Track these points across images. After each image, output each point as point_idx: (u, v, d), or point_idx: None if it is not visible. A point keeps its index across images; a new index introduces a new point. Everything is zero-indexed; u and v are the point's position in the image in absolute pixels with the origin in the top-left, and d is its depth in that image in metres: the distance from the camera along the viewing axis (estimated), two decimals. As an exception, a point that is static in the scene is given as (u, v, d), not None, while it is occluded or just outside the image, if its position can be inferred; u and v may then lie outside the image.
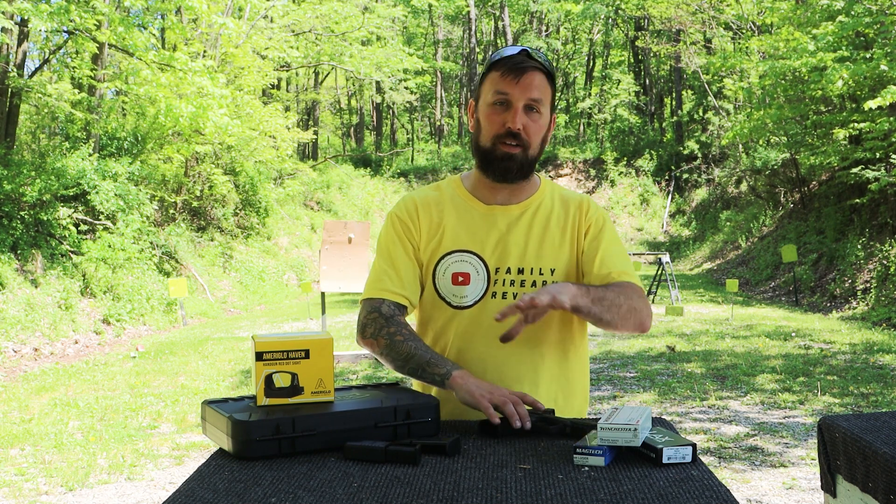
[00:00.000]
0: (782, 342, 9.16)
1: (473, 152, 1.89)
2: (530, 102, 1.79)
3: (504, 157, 1.80)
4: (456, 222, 1.88)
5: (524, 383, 1.82)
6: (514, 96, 1.78)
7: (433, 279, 1.87)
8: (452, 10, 37.71)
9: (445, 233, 1.87)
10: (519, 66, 1.78)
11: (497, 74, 1.80)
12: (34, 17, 10.58)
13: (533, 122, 1.80)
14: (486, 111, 1.82)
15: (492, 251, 1.85)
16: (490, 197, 1.89)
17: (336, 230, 8.91)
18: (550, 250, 1.86)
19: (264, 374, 1.57)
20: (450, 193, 1.93)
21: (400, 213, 1.92)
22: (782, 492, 4.28)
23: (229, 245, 18.38)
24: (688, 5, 24.30)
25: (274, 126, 19.79)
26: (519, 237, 1.85)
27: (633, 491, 1.24)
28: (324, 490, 1.28)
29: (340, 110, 40.60)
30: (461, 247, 1.85)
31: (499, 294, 1.83)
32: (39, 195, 11.79)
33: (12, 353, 9.64)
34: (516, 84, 1.77)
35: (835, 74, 11.77)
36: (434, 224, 1.89)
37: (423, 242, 1.88)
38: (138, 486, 4.69)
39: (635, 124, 34.14)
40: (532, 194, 1.91)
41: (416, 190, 2.02)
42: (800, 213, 18.32)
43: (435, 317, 1.88)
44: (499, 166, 1.82)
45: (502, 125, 1.79)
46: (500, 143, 1.80)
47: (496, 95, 1.80)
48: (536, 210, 1.89)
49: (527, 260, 1.84)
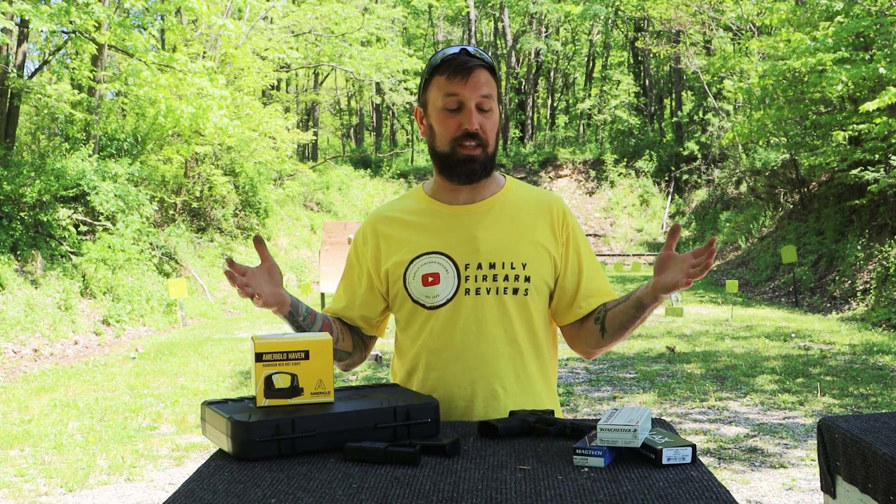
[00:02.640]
0: (782, 343, 9.16)
1: (432, 158, 1.88)
2: (481, 101, 1.78)
3: (466, 159, 1.80)
4: (420, 228, 1.88)
5: (504, 378, 1.82)
6: (464, 96, 1.77)
7: (405, 286, 1.86)
8: (452, 11, 37.76)
9: (410, 240, 1.87)
10: (464, 66, 1.77)
11: (443, 78, 1.78)
12: (34, 18, 10.59)
13: (487, 119, 1.80)
14: (439, 116, 1.80)
15: (460, 249, 1.84)
16: (452, 198, 1.89)
17: (336, 231, 8.92)
18: (521, 245, 1.84)
19: (264, 375, 1.57)
20: (412, 202, 1.94)
21: (357, 237, 1.97)
22: (782, 493, 4.28)
23: (229, 246, 18.38)
24: (687, 6, 24.31)
25: (274, 127, 19.80)
26: (487, 233, 1.84)
27: (632, 492, 1.24)
28: (323, 491, 1.28)
29: (340, 111, 40.61)
30: (427, 249, 1.85)
31: (472, 290, 1.82)
32: (39, 196, 11.79)
33: (12, 353, 9.63)
34: (465, 84, 1.76)
35: (835, 77, 11.77)
36: (398, 234, 1.89)
37: (383, 257, 1.89)
38: (138, 487, 4.69)
39: (635, 125, 34.14)
40: (496, 192, 1.90)
41: (380, 206, 2.03)
42: (799, 214, 18.32)
43: (412, 322, 1.88)
44: (462, 169, 1.81)
45: (458, 127, 1.78)
46: (459, 145, 1.79)
47: (446, 99, 1.78)
48: (503, 206, 1.88)
49: (497, 255, 1.83)
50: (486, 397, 1.81)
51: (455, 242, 1.84)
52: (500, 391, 1.81)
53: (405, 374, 1.92)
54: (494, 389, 1.81)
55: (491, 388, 1.81)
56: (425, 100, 1.85)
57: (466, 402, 1.81)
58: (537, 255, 1.85)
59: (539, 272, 1.84)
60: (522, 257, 1.83)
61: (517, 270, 1.82)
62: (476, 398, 1.81)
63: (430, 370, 1.85)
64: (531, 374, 1.85)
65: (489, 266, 1.82)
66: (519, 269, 1.83)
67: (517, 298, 1.82)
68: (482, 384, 1.81)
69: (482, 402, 1.81)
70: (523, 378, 1.84)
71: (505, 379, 1.82)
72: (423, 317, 1.86)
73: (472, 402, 1.81)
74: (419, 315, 1.86)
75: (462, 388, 1.82)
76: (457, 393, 1.81)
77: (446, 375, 1.83)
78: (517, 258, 1.83)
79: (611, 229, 29.23)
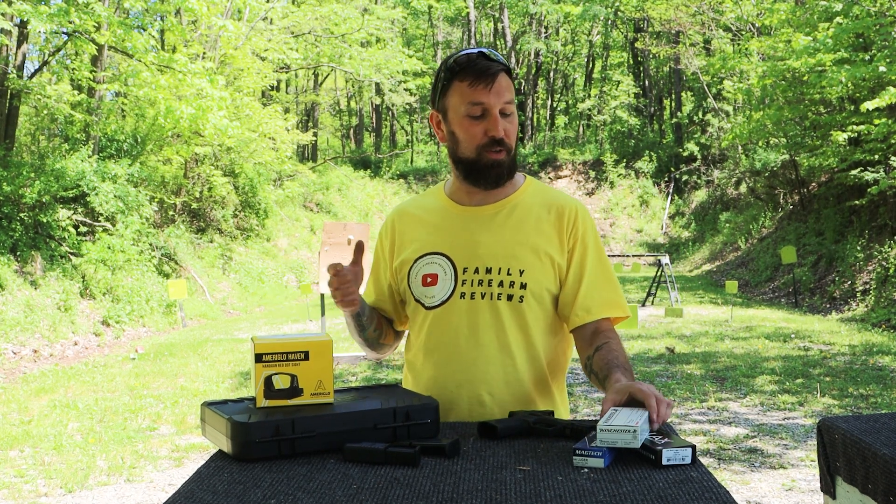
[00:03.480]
0: (782, 343, 9.16)
1: (454, 164, 1.87)
2: (504, 106, 1.78)
3: (493, 164, 1.80)
4: (431, 227, 1.89)
5: (492, 384, 1.80)
6: (489, 104, 1.76)
7: (409, 284, 1.89)
8: (452, 11, 37.77)
9: (420, 238, 1.89)
10: (487, 71, 1.75)
11: (465, 84, 1.76)
12: (34, 18, 10.58)
13: (510, 123, 1.80)
14: (463, 123, 1.79)
15: (460, 251, 1.84)
16: (467, 199, 1.89)
17: (335, 232, 8.90)
18: (521, 251, 1.82)
19: (264, 376, 1.57)
20: (430, 200, 1.95)
21: (381, 230, 2.00)
22: (782, 493, 4.28)
23: (229, 247, 18.38)
24: (687, 7, 24.33)
25: (273, 128, 19.80)
26: (489, 237, 1.84)
27: (632, 492, 1.24)
28: (323, 492, 1.28)
29: (340, 112, 40.61)
30: (431, 249, 1.86)
31: (467, 294, 1.81)
32: (39, 197, 11.79)
33: (12, 354, 9.63)
34: (489, 91, 1.75)
35: (834, 77, 11.77)
36: (411, 232, 1.91)
37: (396, 253, 1.93)
38: (138, 488, 4.69)
39: (635, 126, 34.16)
40: (510, 194, 1.89)
41: (404, 201, 2.06)
42: (799, 215, 18.33)
43: (415, 319, 1.91)
44: (490, 174, 1.81)
45: (483, 134, 1.78)
46: (486, 151, 1.79)
47: (471, 107, 1.77)
48: (512, 210, 1.87)
49: (496, 260, 1.82)
50: (470, 402, 1.80)
51: (457, 244, 1.85)
52: (487, 397, 1.80)
53: (406, 371, 1.96)
54: (480, 395, 1.80)
55: (476, 394, 1.80)
56: (444, 106, 1.82)
57: (450, 405, 1.80)
58: (538, 262, 1.83)
59: (538, 279, 1.82)
60: (521, 263, 1.82)
61: (513, 277, 1.81)
62: (460, 401, 1.80)
63: (423, 369, 1.87)
64: (523, 381, 1.83)
65: (486, 271, 1.82)
66: (515, 276, 1.81)
67: (512, 305, 1.81)
68: (468, 389, 1.80)
69: (466, 406, 1.80)
70: (514, 385, 1.82)
71: (493, 385, 1.80)
72: (422, 316, 1.87)
73: (456, 406, 1.80)
74: (419, 313, 1.88)
75: (448, 390, 1.81)
76: (442, 395, 1.80)
77: (436, 376, 1.84)
78: (515, 264, 1.81)
79: (610, 230, 29.25)
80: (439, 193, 1.95)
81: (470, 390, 1.81)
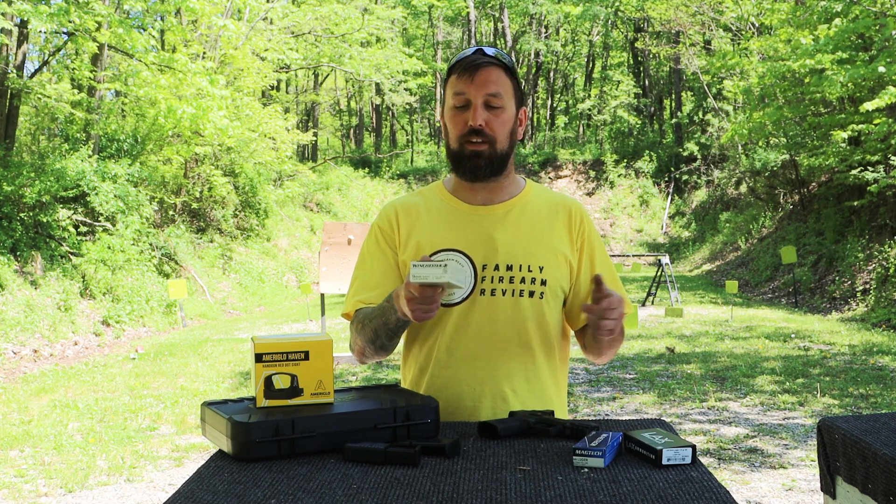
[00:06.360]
0: (782, 343, 9.16)
1: (447, 157, 1.90)
2: (488, 98, 1.79)
3: (471, 155, 1.81)
4: (439, 224, 1.88)
5: (514, 380, 1.82)
6: (471, 94, 1.79)
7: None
8: (452, 11, 37.72)
9: (431, 234, 1.87)
10: (472, 64, 1.79)
11: (454, 77, 1.82)
12: (34, 18, 10.58)
13: (495, 116, 1.80)
14: (450, 114, 1.83)
15: (479, 249, 1.84)
16: (471, 198, 1.89)
17: (336, 232, 8.90)
18: (539, 249, 1.85)
19: (264, 376, 1.57)
20: (432, 197, 1.94)
21: (381, 223, 1.93)
22: (782, 493, 4.28)
23: (229, 246, 18.38)
24: (687, 7, 24.32)
25: (273, 127, 19.80)
26: (506, 235, 1.85)
27: (632, 492, 1.24)
28: (323, 491, 1.28)
29: (340, 112, 40.61)
30: (446, 246, 1.85)
31: (487, 291, 1.82)
32: (39, 196, 11.79)
33: (12, 354, 9.63)
34: (471, 82, 1.79)
35: (834, 78, 11.77)
36: (417, 227, 1.89)
37: (401, 247, 1.89)
38: (138, 488, 4.69)
39: (635, 126, 34.16)
40: (515, 194, 1.90)
41: (399, 196, 2.03)
42: (799, 215, 18.33)
43: None
44: (468, 165, 1.82)
45: (465, 124, 1.80)
46: (466, 142, 1.81)
47: (455, 97, 1.81)
48: (522, 209, 1.89)
49: (515, 257, 1.83)
50: (494, 398, 1.81)
51: (474, 242, 1.85)
52: (510, 393, 1.81)
53: (417, 370, 1.90)
54: (503, 391, 1.81)
55: (500, 390, 1.81)
56: (443, 102, 1.89)
57: (474, 402, 1.81)
58: (554, 260, 1.85)
59: (555, 276, 1.85)
60: (540, 261, 1.84)
61: (534, 273, 1.83)
62: (484, 398, 1.81)
63: (441, 368, 1.85)
64: (542, 377, 1.85)
65: (506, 268, 1.83)
66: (536, 273, 1.83)
67: (533, 301, 1.83)
68: (491, 385, 1.81)
69: (490, 402, 1.81)
70: (534, 381, 1.84)
71: (515, 381, 1.82)
72: (438, 313, 1.83)
73: (480, 403, 1.81)
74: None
75: (471, 387, 1.82)
76: (465, 392, 1.81)
77: (457, 374, 1.83)
78: (535, 261, 1.84)
79: (610, 230, 29.24)
80: (440, 191, 1.94)
81: (493, 387, 1.81)
